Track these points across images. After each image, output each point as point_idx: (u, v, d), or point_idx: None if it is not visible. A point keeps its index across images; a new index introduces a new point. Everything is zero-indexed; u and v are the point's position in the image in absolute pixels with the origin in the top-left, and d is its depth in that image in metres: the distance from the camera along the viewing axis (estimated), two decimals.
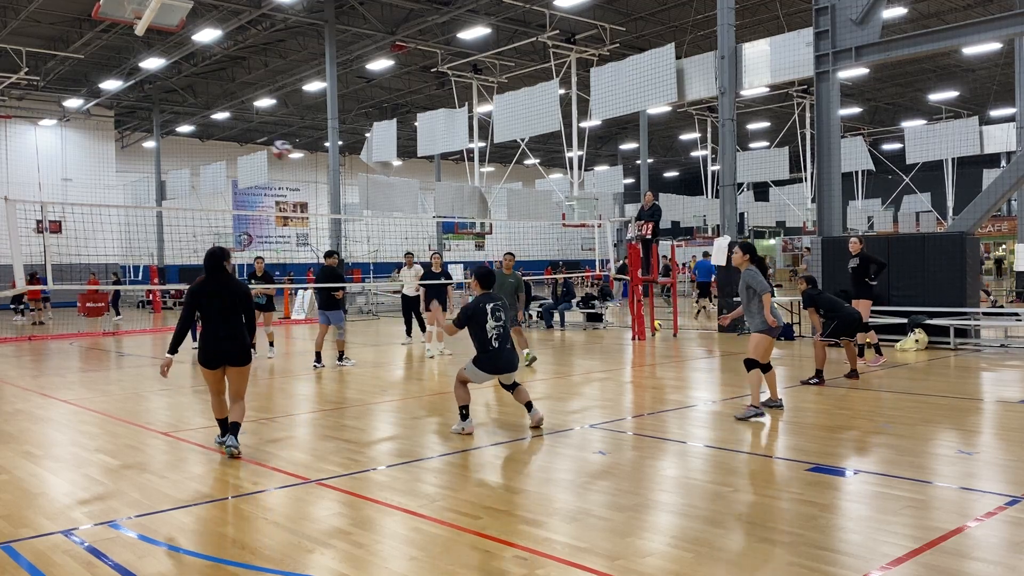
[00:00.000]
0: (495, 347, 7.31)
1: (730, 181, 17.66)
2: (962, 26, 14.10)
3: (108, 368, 13.74)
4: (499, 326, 7.32)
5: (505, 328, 7.38)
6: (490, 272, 7.83)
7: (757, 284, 8.18)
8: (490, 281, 7.66)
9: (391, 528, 4.96)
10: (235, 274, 12.53)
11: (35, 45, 27.48)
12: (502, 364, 7.38)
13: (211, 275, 6.72)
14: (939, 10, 26.00)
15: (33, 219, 27.00)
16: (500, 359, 7.36)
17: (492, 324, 7.29)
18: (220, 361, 6.73)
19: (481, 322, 7.33)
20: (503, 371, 7.44)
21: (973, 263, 14.35)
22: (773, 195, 36.03)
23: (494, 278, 7.78)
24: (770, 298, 8.16)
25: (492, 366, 7.37)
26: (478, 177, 27.43)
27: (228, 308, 6.70)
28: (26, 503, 5.64)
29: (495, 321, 7.30)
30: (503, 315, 7.39)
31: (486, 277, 7.69)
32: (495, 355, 7.34)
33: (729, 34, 17.34)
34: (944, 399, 9.10)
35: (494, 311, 7.33)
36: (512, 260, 12.67)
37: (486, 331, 7.31)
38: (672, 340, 16.34)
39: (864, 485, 5.71)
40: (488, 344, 7.33)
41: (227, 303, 6.69)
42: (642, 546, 4.53)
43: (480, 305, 7.37)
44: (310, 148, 47.24)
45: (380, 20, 25.79)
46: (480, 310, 7.34)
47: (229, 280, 6.81)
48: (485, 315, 7.32)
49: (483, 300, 7.42)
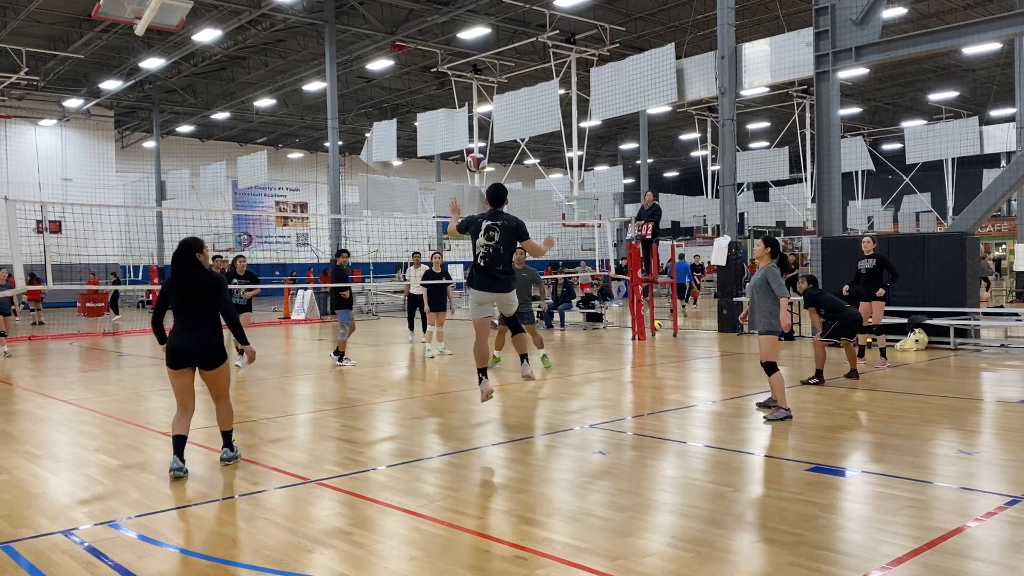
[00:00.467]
0: (481, 265, 7.25)
1: (730, 181, 17.66)
2: (962, 26, 14.10)
3: (108, 368, 13.73)
4: (488, 244, 7.19)
5: (495, 250, 7.20)
6: (498, 186, 7.59)
7: (777, 286, 7.95)
8: (497, 198, 7.46)
9: (391, 528, 4.96)
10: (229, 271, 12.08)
11: (35, 45, 27.49)
12: (489, 283, 7.25)
13: (180, 269, 6.19)
14: (939, 10, 26.00)
15: (33, 219, 27.00)
16: (486, 277, 7.24)
17: (482, 240, 7.20)
18: (185, 360, 6.11)
19: (474, 233, 7.29)
20: (492, 290, 7.28)
21: (973, 263, 14.35)
22: (773, 195, 36.03)
23: (504, 194, 7.53)
24: (786, 302, 8.02)
25: (480, 283, 7.29)
26: (478, 177, 27.43)
27: (198, 303, 6.14)
28: (26, 503, 5.64)
29: (486, 239, 7.19)
30: (496, 235, 7.22)
31: (493, 193, 7.51)
32: (481, 271, 7.26)
33: (729, 34, 17.34)
34: (944, 399, 9.10)
35: (487, 229, 7.22)
36: (523, 255, 12.90)
37: (475, 246, 7.27)
38: (672, 340, 16.34)
39: (864, 485, 5.71)
40: (476, 260, 7.30)
41: (198, 298, 6.13)
42: (642, 546, 4.53)
43: (479, 219, 7.33)
44: (310, 148, 47.24)
45: (380, 20, 25.79)
46: (476, 222, 7.31)
47: (201, 273, 6.22)
48: (479, 229, 7.25)
49: (484, 215, 7.36)
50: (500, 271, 7.29)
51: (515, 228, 7.35)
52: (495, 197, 7.47)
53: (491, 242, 7.19)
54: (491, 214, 7.37)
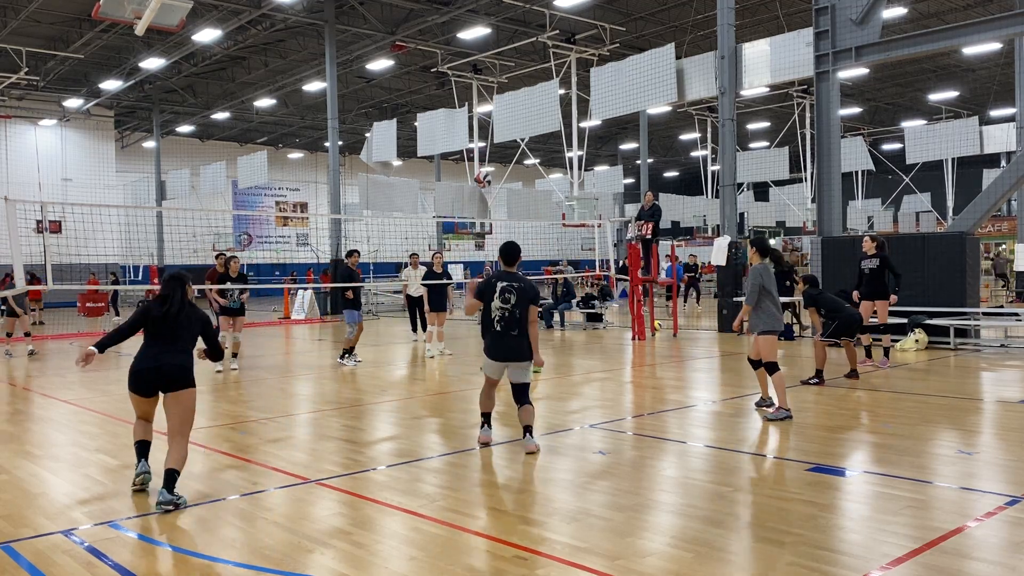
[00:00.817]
0: (497, 330, 6.86)
1: (730, 181, 17.65)
2: (962, 26, 14.09)
3: (108, 368, 13.72)
4: (504, 308, 6.81)
5: (511, 313, 6.82)
6: (512, 246, 7.20)
7: (749, 289, 8.19)
8: (511, 258, 7.11)
9: (391, 528, 4.96)
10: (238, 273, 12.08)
11: (35, 45, 27.47)
12: (503, 350, 6.86)
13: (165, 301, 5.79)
14: (939, 10, 25.99)
15: (33, 219, 26.99)
16: (501, 343, 6.86)
17: (497, 304, 6.82)
18: (150, 382, 5.64)
19: (489, 298, 6.91)
20: (505, 358, 6.88)
21: (973, 263, 14.35)
22: (773, 195, 36.01)
23: (516, 254, 7.15)
24: (748, 309, 8.15)
25: (493, 350, 6.91)
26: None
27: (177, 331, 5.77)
28: (26, 503, 5.64)
29: (501, 302, 6.82)
30: (512, 298, 6.83)
31: (508, 252, 7.13)
32: (496, 338, 6.88)
33: (729, 34, 17.33)
34: (944, 399, 9.10)
35: (503, 291, 6.84)
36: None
37: (491, 310, 6.88)
38: (672, 340, 16.34)
39: (864, 485, 5.71)
40: (491, 326, 6.90)
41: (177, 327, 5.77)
42: (642, 546, 4.53)
43: (492, 281, 6.95)
44: (310, 148, 47.23)
45: (380, 20, 25.78)
46: (491, 285, 6.92)
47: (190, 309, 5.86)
48: (494, 291, 6.88)
49: (498, 276, 6.97)
50: (515, 335, 6.89)
51: (530, 293, 6.96)
52: (508, 257, 7.11)
53: (506, 304, 6.84)
54: (506, 275, 7.01)
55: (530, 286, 6.95)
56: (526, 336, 6.91)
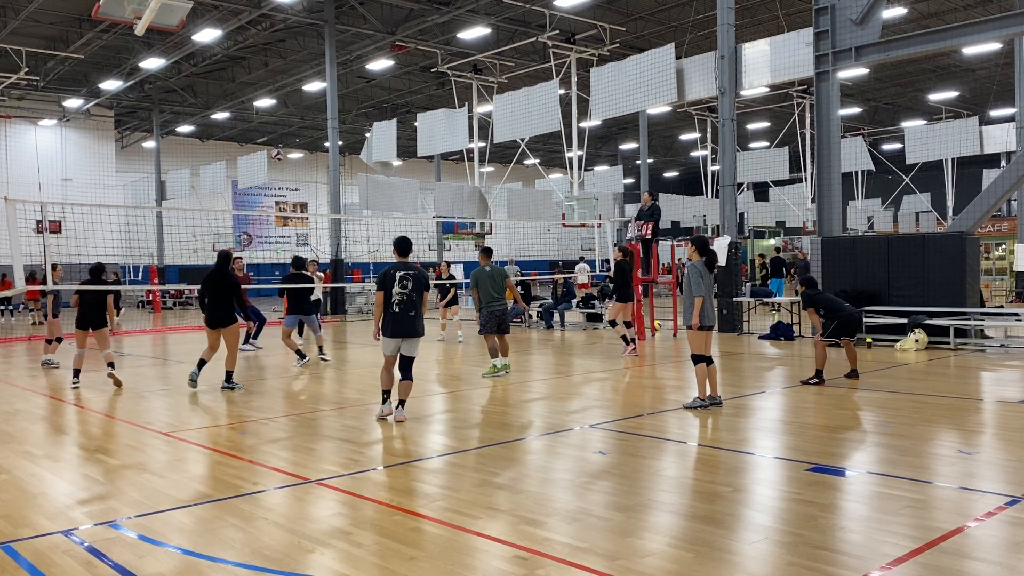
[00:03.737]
0: (395, 311, 7.90)
1: (730, 181, 17.66)
2: (962, 26, 14.10)
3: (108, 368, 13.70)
4: (402, 293, 7.91)
5: (409, 297, 7.91)
6: (404, 240, 8.32)
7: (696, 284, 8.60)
8: (404, 249, 8.25)
9: (391, 528, 4.96)
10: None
11: (35, 45, 27.47)
12: (399, 328, 7.91)
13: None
14: (939, 10, 25.99)
15: (33, 219, 27.00)
16: (397, 322, 7.90)
17: (397, 290, 7.90)
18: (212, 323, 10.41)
19: (388, 285, 7.97)
20: (399, 334, 7.94)
21: (973, 263, 14.35)
22: (773, 195, 35.99)
23: (408, 246, 8.32)
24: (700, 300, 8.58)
25: (390, 328, 7.93)
26: (478, 177, 27.43)
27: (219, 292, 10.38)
28: (26, 503, 5.64)
29: (400, 288, 7.91)
30: (409, 284, 7.95)
31: (400, 244, 8.28)
32: (393, 318, 7.91)
33: (729, 34, 17.34)
34: (944, 399, 9.10)
35: (402, 279, 7.94)
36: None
37: (391, 295, 7.93)
38: (672, 340, 16.33)
39: (864, 485, 5.71)
40: (390, 307, 7.94)
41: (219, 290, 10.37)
42: (642, 546, 4.53)
43: (391, 271, 8.02)
44: (310, 148, 47.22)
45: (380, 20, 25.78)
46: (390, 276, 8.00)
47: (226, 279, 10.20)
48: (393, 281, 7.96)
49: (395, 267, 8.07)
50: (412, 315, 8.00)
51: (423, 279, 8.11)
52: (401, 248, 8.27)
53: (404, 290, 7.93)
54: (401, 264, 8.13)
55: (422, 274, 8.12)
56: (418, 316, 8.07)
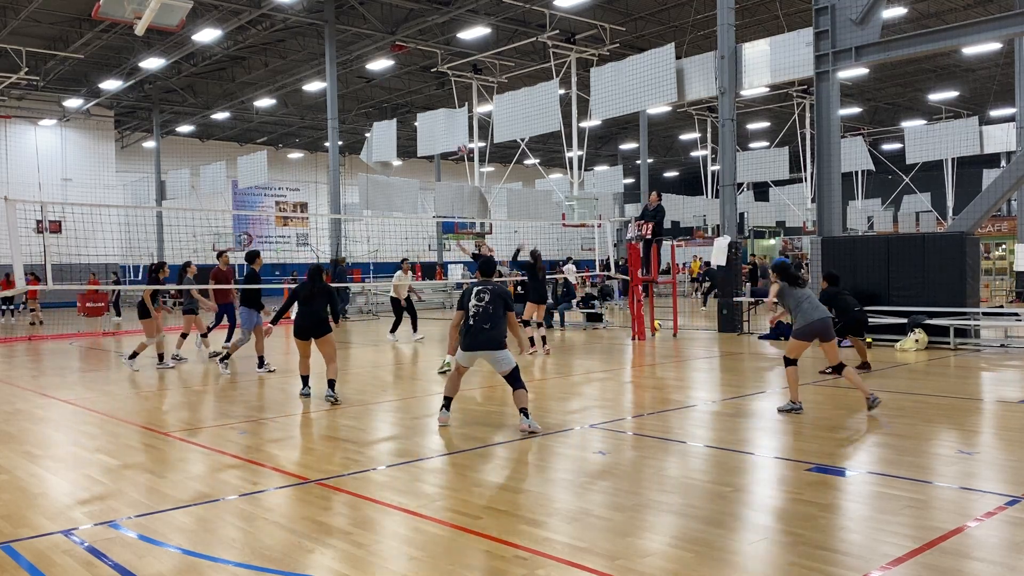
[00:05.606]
0: (471, 324, 7.85)
1: (730, 181, 17.65)
2: (962, 26, 14.09)
3: (108, 368, 13.73)
4: (479, 305, 7.85)
5: (484, 309, 7.82)
6: (489, 261, 8.48)
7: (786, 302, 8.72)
8: (487, 271, 8.30)
9: (391, 528, 4.96)
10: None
11: (35, 45, 27.46)
12: (474, 340, 7.81)
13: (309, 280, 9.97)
14: (939, 10, 25.99)
15: (33, 219, 26.98)
16: (472, 335, 7.81)
17: (473, 303, 7.88)
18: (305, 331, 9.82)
19: (466, 301, 7.99)
20: (476, 347, 7.84)
21: (973, 263, 14.35)
22: (773, 195, 36.01)
23: (492, 269, 8.36)
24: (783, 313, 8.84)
25: (465, 342, 7.87)
26: (478, 177, 27.42)
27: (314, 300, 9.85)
28: (26, 503, 5.64)
29: (476, 300, 7.89)
30: (486, 296, 7.89)
31: (484, 266, 8.36)
32: (468, 331, 7.87)
33: (729, 34, 17.33)
34: (944, 399, 9.10)
35: (478, 293, 7.94)
36: None
37: (467, 308, 7.91)
38: (672, 340, 16.33)
39: (864, 485, 5.71)
40: (467, 320, 7.93)
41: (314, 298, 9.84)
42: (642, 546, 4.53)
43: (470, 288, 8.10)
44: (310, 148, 47.21)
45: (380, 20, 25.78)
46: (467, 291, 8.08)
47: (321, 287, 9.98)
48: (470, 295, 7.98)
49: (474, 284, 8.14)
50: (488, 328, 7.85)
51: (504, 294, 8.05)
52: (485, 269, 8.32)
53: (480, 302, 7.87)
54: (480, 282, 8.16)
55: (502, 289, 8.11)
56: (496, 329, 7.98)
